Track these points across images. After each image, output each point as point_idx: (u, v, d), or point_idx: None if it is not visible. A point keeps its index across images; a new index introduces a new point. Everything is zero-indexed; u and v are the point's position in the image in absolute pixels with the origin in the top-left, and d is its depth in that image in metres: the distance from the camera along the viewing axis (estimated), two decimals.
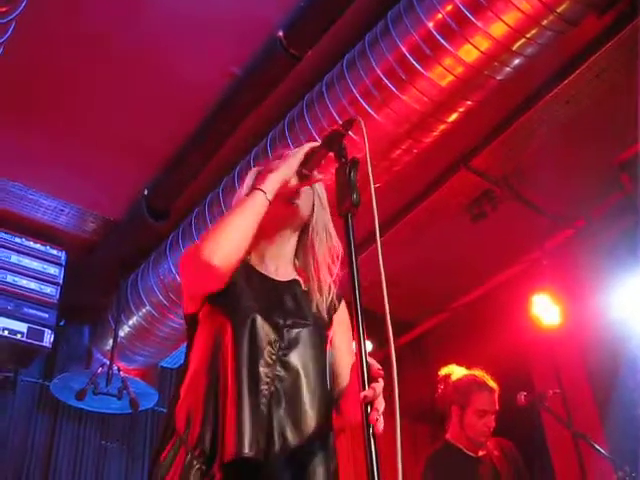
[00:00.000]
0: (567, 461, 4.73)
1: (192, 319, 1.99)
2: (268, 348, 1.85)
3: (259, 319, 1.87)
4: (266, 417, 1.76)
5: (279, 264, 2.06)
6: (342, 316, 2.06)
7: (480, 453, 3.81)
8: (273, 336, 1.87)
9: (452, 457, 3.78)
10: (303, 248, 2.12)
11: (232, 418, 1.72)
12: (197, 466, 1.72)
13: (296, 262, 2.12)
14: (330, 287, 2.04)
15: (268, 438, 1.74)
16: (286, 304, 1.97)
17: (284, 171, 1.97)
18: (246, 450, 1.68)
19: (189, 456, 1.73)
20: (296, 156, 1.99)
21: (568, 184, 4.65)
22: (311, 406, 1.84)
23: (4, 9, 3.12)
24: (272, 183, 1.95)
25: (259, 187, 1.93)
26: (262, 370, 1.81)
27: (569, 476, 4.73)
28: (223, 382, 1.79)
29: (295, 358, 1.87)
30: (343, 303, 2.07)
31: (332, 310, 2.03)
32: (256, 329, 1.85)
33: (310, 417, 1.82)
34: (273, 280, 1.98)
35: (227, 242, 1.84)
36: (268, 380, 1.81)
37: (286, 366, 1.85)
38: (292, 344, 1.89)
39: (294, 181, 2.01)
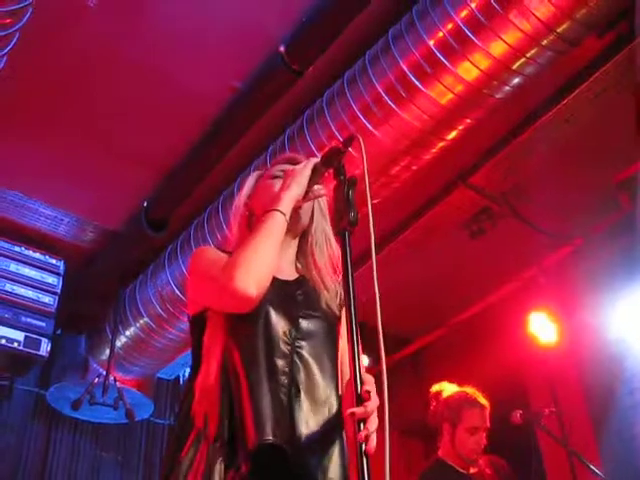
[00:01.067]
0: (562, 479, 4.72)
1: (200, 318, 2.00)
2: (283, 339, 1.88)
3: (273, 312, 1.90)
4: (287, 406, 1.79)
5: (282, 266, 2.07)
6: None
7: (472, 470, 3.80)
8: (287, 327, 1.91)
9: (444, 475, 3.77)
10: (303, 253, 2.15)
11: (251, 408, 1.74)
12: (220, 459, 1.73)
13: (298, 265, 2.14)
14: (336, 286, 2.06)
15: (291, 426, 1.76)
16: (297, 298, 2.00)
17: (296, 190, 1.99)
18: (269, 436, 1.70)
19: (211, 449, 1.74)
20: (304, 174, 2.01)
21: (566, 202, 4.67)
22: (328, 395, 1.88)
23: (8, 21, 3.14)
24: (288, 203, 1.97)
25: (278, 209, 1.95)
26: (279, 361, 1.85)
27: None
28: (239, 375, 1.81)
29: (310, 349, 1.91)
30: None
31: (341, 307, 2.05)
32: (270, 321, 1.89)
33: (328, 405, 1.85)
34: (280, 279, 1.99)
35: (260, 270, 1.85)
36: (286, 370, 1.84)
37: (302, 356, 1.88)
38: (306, 335, 1.92)
39: None
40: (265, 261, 1.88)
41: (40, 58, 3.91)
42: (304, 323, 1.94)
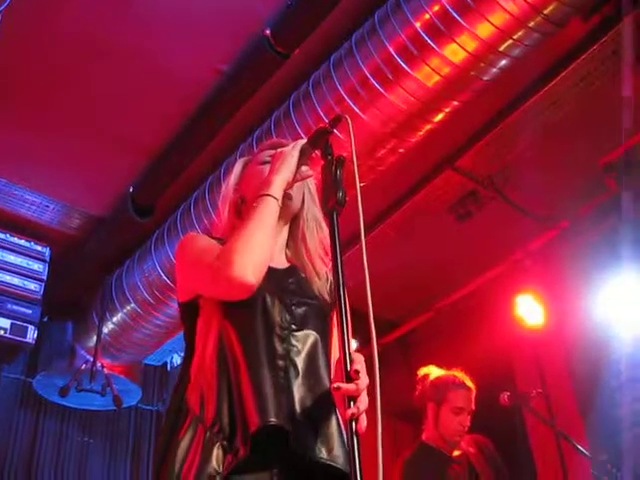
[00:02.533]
0: (550, 460, 4.74)
1: (192, 305, 1.99)
2: (280, 324, 1.89)
3: (268, 297, 1.90)
4: (286, 388, 1.79)
5: (273, 254, 2.05)
6: None
7: (455, 453, 3.81)
8: (283, 313, 1.91)
9: (428, 459, 3.77)
10: (294, 239, 2.13)
11: (252, 390, 1.74)
12: (217, 443, 1.72)
13: (287, 252, 2.13)
14: (327, 273, 2.06)
15: (290, 407, 1.76)
16: (289, 286, 1.99)
17: (286, 173, 1.98)
18: (272, 418, 1.70)
19: (208, 434, 1.74)
20: (293, 156, 1.99)
21: (553, 185, 4.68)
22: (325, 377, 1.88)
23: None
24: (279, 187, 1.96)
25: (269, 193, 1.93)
26: (277, 345, 1.85)
27: (551, 475, 4.75)
28: (238, 359, 1.81)
29: (305, 333, 1.91)
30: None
31: (332, 293, 2.04)
32: (267, 307, 1.89)
33: (324, 387, 1.85)
34: (271, 267, 1.98)
35: (257, 256, 1.85)
36: (283, 354, 1.85)
37: (299, 340, 1.89)
38: (302, 320, 1.93)
39: None
40: (261, 247, 1.87)
41: (23, 44, 3.87)
42: (298, 310, 1.94)
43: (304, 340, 1.90)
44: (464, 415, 3.80)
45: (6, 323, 4.99)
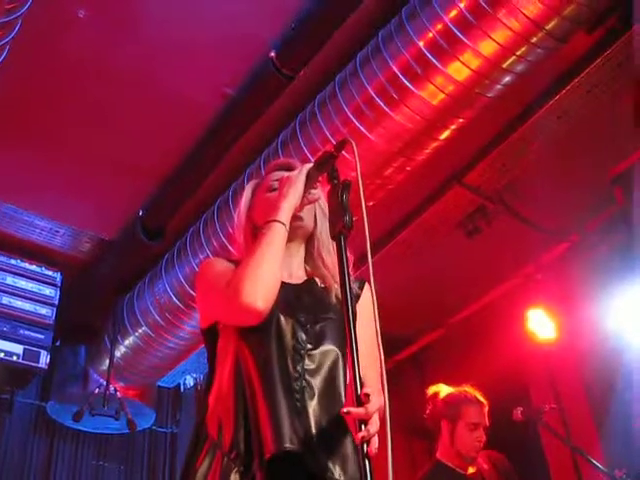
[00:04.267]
0: (566, 476, 4.72)
1: (211, 330, 2.02)
2: (295, 344, 1.89)
3: (282, 319, 1.91)
4: (301, 411, 1.80)
5: (292, 271, 2.10)
6: (364, 302, 2.06)
7: (470, 470, 3.78)
8: (298, 333, 1.92)
9: (443, 478, 3.75)
10: (311, 256, 2.15)
11: (267, 415, 1.75)
12: (235, 468, 1.74)
13: (307, 268, 2.15)
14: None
15: (305, 430, 1.77)
16: (305, 302, 2.01)
17: (293, 198, 2.00)
18: (287, 444, 1.71)
19: (225, 460, 1.75)
20: (300, 180, 2.02)
21: (561, 199, 4.67)
22: (344, 395, 1.88)
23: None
24: (286, 213, 1.98)
25: (277, 219, 1.96)
26: (291, 366, 1.86)
27: None
28: (254, 384, 1.82)
29: (322, 351, 1.91)
30: (366, 285, 2.09)
31: (356, 299, 2.06)
32: (281, 328, 1.90)
33: (341, 407, 1.83)
34: (288, 284, 2.00)
35: (266, 283, 1.86)
36: (297, 375, 1.85)
37: (314, 360, 1.89)
38: (318, 338, 1.93)
39: None
40: (269, 272, 1.88)
41: (31, 70, 3.91)
42: (315, 327, 1.95)
43: (322, 359, 1.90)
44: (479, 431, 3.78)
45: (19, 348, 5.00)
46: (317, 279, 2.10)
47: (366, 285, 2.09)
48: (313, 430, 1.78)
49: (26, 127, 4.29)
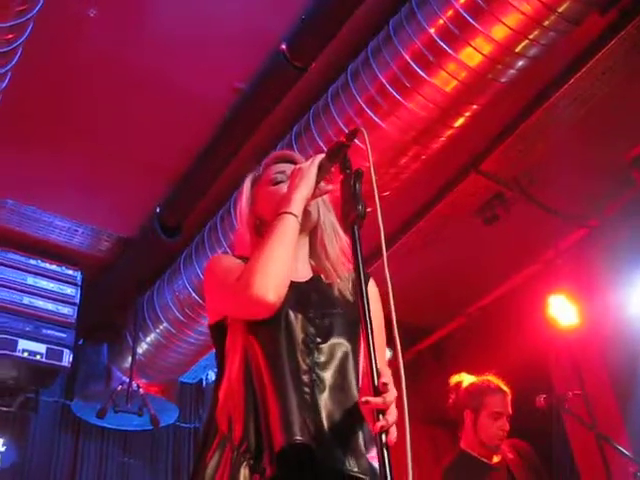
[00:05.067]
0: (592, 463, 4.69)
1: (220, 326, 2.00)
2: (304, 338, 1.88)
3: (291, 313, 1.89)
4: (312, 404, 1.79)
5: (297, 267, 2.07)
6: (370, 297, 2.05)
7: (495, 459, 3.76)
8: (307, 327, 1.90)
9: (466, 467, 3.73)
10: (314, 248, 2.14)
11: (277, 409, 1.74)
12: (244, 462, 1.73)
13: (311, 262, 2.13)
14: (349, 272, 2.05)
15: (317, 424, 1.76)
16: (312, 299, 1.98)
17: (305, 190, 1.98)
18: (297, 437, 1.69)
19: (235, 453, 1.74)
20: (311, 172, 2.00)
21: (580, 183, 4.63)
22: (355, 388, 1.87)
23: (10, 36, 3.15)
24: (299, 204, 1.96)
25: (289, 211, 1.94)
26: (301, 360, 1.84)
27: (594, 478, 4.68)
28: (263, 378, 1.81)
29: (332, 344, 1.90)
30: (371, 281, 2.06)
31: (355, 295, 2.04)
32: (290, 323, 1.88)
33: (352, 399, 1.84)
34: (294, 281, 1.98)
35: (278, 275, 1.85)
36: (307, 369, 1.84)
37: (324, 353, 1.88)
38: (326, 332, 1.91)
39: None
40: (281, 266, 1.87)
41: (45, 71, 3.93)
42: (323, 322, 1.93)
43: (332, 352, 1.89)
44: (503, 419, 3.76)
45: (42, 348, 5.05)
46: (322, 276, 2.08)
47: (371, 280, 2.06)
48: (324, 423, 1.77)
49: (42, 129, 4.31)
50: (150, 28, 3.78)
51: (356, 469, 1.75)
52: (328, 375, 1.85)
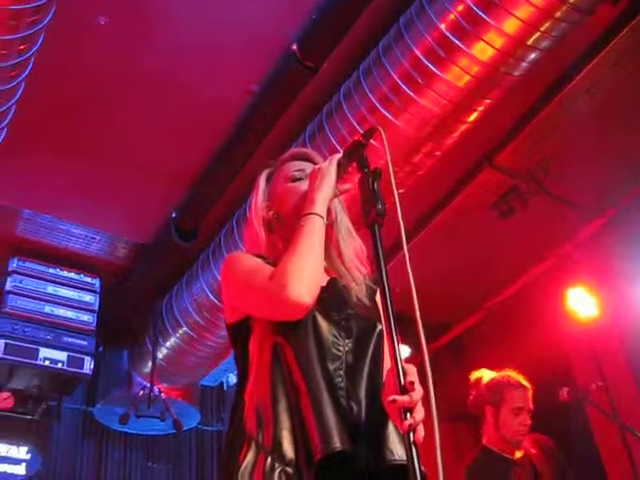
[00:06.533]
0: (617, 454, 4.66)
1: (242, 325, 1.98)
2: (333, 341, 1.87)
3: (318, 316, 1.88)
4: (347, 407, 1.78)
5: None
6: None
7: (517, 455, 3.74)
8: (334, 329, 1.89)
9: (489, 464, 3.70)
10: (328, 250, 2.08)
11: (313, 417, 1.72)
12: (279, 469, 1.70)
13: (325, 264, 2.08)
14: (364, 277, 2.04)
15: (354, 427, 1.75)
16: (334, 301, 1.97)
17: (327, 190, 1.97)
18: (337, 444, 1.68)
19: (269, 459, 1.72)
20: (331, 172, 1.99)
21: (596, 173, 4.61)
22: (381, 389, 1.83)
23: (22, 47, 3.17)
24: (322, 204, 1.95)
25: (315, 212, 1.93)
26: (332, 364, 1.83)
27: (619, 469, 4.65)
28: (295, 381, 1.79)
29: (359, 347, 1.89)
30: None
31: (374, 295, 2.04)
32: (318, 325, 1.87)
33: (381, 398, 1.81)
34: None
35: (311, 277, 1.85)
36: (340, 373, 1.83)
37: (353, 355, 1.87)
38: (351, 334, 1.91)
39: None
40: (313, 266, 1.86)
41: (57, 80, 3.95)
42: (347, 324, 1.92)
43: (359, 354, 1.88)
44: (524, 415, 3.74)
45: (63, 356, 5.08)
46: (337, 278, 2.05)
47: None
48: (361, 425, 1.77)
49: (56, 138, 4.34)
50: (161, 33, 3.79)
51: (395, 457, 1.74)
52: (359, 377, 1.84)
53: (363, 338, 1.92)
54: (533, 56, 3.35)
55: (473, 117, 3.66)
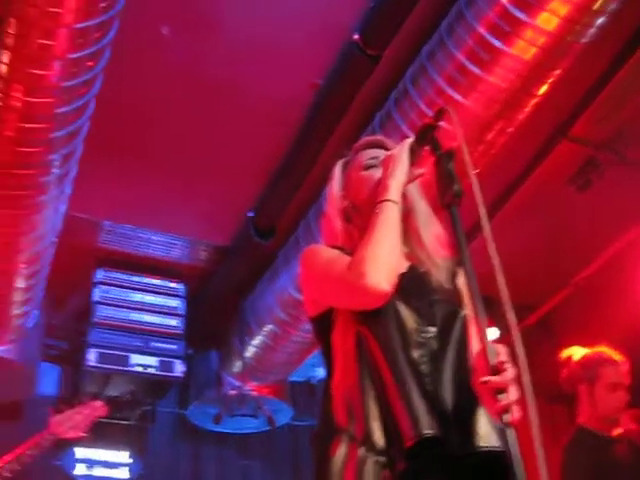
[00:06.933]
0: None
1: (325, 318, 1.99)
2: (415, 328, 1.86)
3: (398, 304, 1.88)
4: (434, 394, 1.77)
5: None
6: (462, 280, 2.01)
7: (615, 432, 3.64)
8: (415, 316, 1.88)
9: (587, 444, 3.60)
10: (407, 236, 2.07)
11: (401, 403, 1.73)
12: (373, 459, 1.71)
13: (405, 250, 2.07)
14: (445, 261, 2.01)
15: (442, 413, 1.74)
16: (414, 288, 1.95)
17: (400, 176, 1.96)
18: (426, 430, 1.68)
19: (362, 450, 1.73)
20: (403, 157, 1.98)
21: None
22: (468, 374, 1.83)
23: (90, 63, 3.24)
24: (397, 191, 1.95)
25: (389, 198, 1.93)
26: (416, 352, 1.83)
27: None
28: (380, 371, 1.80)
29: (441, 332, 1.88)
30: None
31: (456, 279, 2.01)
32: (400, 313, 1.87)
33: (469, 383, 1.80)
34: None
35: (389, 263, 1.85)
36: (425, 360, 1.82)
37: (436, 341, 1.86)
38: (434, 321, 1.89)
39: None
40: (391, 253, 1.86)
41: (127, 92, 4.03)
42: (429, 310, 1.91)
43: (443, 340, 1.86)
44: (620, 391, 3.64)
45: (154, 361, 5.20)
46: (416, 265, 2.03)
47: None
48: (449, 411, 1.75)
49: (129, 149, 4.45)
50: (222, 38, 3.84)
51: (485, 444, 1.73)
52: (445, 363, 1.83)
53: (446, 324, 1.90)
54: (601, 21, 3.24)
55: (543, 90, 3.57)
